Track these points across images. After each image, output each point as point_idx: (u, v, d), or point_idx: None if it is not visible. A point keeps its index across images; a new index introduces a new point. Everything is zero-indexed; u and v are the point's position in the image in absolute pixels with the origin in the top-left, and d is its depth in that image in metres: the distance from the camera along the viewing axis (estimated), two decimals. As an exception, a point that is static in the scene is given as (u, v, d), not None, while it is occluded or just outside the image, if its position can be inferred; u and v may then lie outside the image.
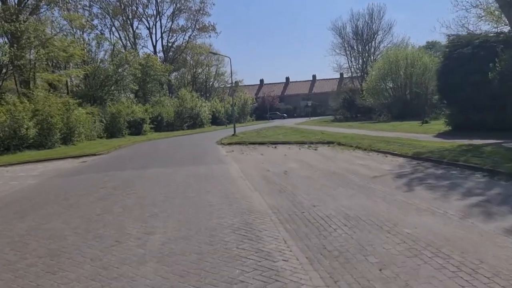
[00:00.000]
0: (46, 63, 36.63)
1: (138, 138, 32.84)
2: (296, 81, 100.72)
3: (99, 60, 45.00)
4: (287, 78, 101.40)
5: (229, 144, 22.17)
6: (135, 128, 37.65)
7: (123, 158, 18.01)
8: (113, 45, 47.10)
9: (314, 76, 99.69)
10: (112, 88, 45.13)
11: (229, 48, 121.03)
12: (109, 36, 52.17)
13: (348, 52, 62.20)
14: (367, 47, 57.71)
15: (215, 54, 28.49)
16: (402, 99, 40.67)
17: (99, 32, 51.95)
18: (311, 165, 12.05)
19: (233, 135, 27.43)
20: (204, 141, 26.29)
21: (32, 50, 31.36)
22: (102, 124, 34.92)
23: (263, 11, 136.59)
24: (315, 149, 16.76)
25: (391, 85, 41.20)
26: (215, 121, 58.06)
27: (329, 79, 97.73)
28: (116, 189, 9.49)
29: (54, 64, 40.37)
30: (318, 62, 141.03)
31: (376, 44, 56.84)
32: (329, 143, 18.94)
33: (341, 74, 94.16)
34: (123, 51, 48.31)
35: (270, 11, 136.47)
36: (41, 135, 23.73)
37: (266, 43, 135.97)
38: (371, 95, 42.36)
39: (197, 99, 51.08)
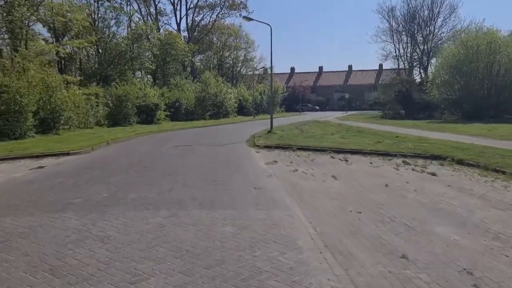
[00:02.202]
0: (43, 30, 30.32)
1: (147, 128, 26.07)
2: (330, 71, 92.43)
3: (111, 34, 38.36)
4: (320, 68, 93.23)
5: (267, 147, 14.95)
6: (147, 115, 30.97)
7: (99, 166, 11.09)
8: (129, 17, 40.35)
9: (350, 67, 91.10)
10: (125, 66, 38.57)
11: (258, 32, 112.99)
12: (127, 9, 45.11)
13: (397, 39, 53.43)
14: (423, 32, 48.76)
15: (250, 20, 20.93)
16: (477, 94, 32.25)
17: (118, 5, 44.98)
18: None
19: (269, 132, 20.16)
20: (230, 139, 19.21)
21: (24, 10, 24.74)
22: (107, 109, 28.39)
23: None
24: (432, 174, 9.28)
25: (463, 76, 32.72)
26: (242, 110, 50.96)
27: (367, 70, 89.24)
28: None
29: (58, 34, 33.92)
30: (356, 51, 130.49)
31: (436, 30, 47.82)
32: (436, 158, 11.44)
33: (380, 66, 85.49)
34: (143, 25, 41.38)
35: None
36: (7, 120, 17.19)
37: (298, 28, 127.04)
38: (437, 88, 34.04)
39: (222, 84, 43.94)
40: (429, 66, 47.30)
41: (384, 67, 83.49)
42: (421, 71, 47.79)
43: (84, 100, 25.08)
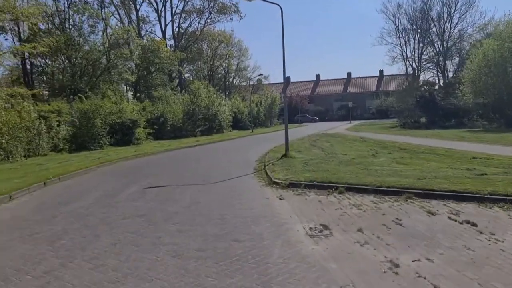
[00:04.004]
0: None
1: (121, 152, 20.20)
2: (328, 79, 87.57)
3: (82, 40, 32.60)
4: (317, 76, 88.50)
5: (293, 185, 9.12)
6: (123, 134, 25.07)
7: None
8: (104, 21, 34.56)
9: (349, 74, 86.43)
10: (100, 78, 32.84)
11: (253, 40, 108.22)
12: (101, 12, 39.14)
13: (403, 40, 48.14)
14: (438, 30, 43.64)
15: (252, -1, 14.99)
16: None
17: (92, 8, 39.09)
18: None
19: (284, 155, 14.30)
20: (228, 167, 13.40)
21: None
22: (71, 129, 22.49)
23: None
24: None
25: (506, 76, 27.36)
26: (237, 124, 45.33)
27: (367, 77, 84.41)
28: None
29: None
30: (353, 58, 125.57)
31: (452, 28, 42.67)
32: None
33: (381, 72, 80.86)
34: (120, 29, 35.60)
35: None
36: None
37: (294, 35, 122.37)
38: (473, 91, 28.57)
39: (214, 95, 38.32)
40: (450, 66, 42.32)
41: (385, 73, 78.99)
42: (439, 73, 42.51)
43: (36, 119, 19.31)
